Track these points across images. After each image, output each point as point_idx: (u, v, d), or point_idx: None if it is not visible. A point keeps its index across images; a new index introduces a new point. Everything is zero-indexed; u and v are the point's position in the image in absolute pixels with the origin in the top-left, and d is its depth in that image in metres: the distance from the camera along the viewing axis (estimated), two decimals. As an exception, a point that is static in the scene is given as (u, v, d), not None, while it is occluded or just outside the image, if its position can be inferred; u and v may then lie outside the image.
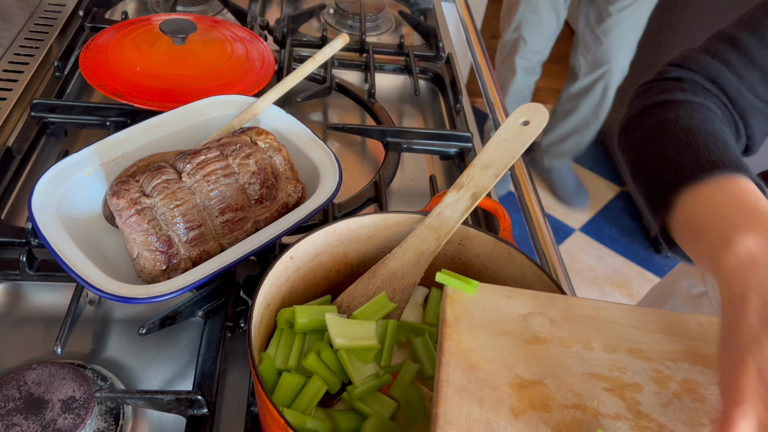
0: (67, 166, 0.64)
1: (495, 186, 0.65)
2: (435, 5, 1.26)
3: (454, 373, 0.42)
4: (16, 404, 0.51)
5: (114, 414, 0.55)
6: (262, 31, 1.05)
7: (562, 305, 0.48)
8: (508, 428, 0.39)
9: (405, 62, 1.05)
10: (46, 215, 0.59)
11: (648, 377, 0.43)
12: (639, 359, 0.44)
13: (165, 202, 0.59)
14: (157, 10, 1.13)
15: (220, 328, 0.61)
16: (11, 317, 0.63)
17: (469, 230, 0.59)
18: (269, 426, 0.47)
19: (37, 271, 0.63)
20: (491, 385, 0.42)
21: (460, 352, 0.43)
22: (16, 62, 0.94)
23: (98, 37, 0.89)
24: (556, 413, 0.40)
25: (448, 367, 0.42)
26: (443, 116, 0.99)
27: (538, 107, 0.63)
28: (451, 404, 0.40)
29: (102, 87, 0.81)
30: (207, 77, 0.85)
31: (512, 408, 0.40)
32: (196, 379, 0.56)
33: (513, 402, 0.41)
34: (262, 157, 0.64)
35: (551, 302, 0.48)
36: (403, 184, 0.86)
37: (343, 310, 0.56)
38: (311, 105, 0.98)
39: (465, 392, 0.41)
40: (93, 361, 0.60)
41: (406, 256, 0.57)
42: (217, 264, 0.57)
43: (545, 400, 0.41)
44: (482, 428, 0.39)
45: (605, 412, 0.41)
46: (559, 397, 0.41)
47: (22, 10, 1.03)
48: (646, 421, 0.40)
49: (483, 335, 0.45)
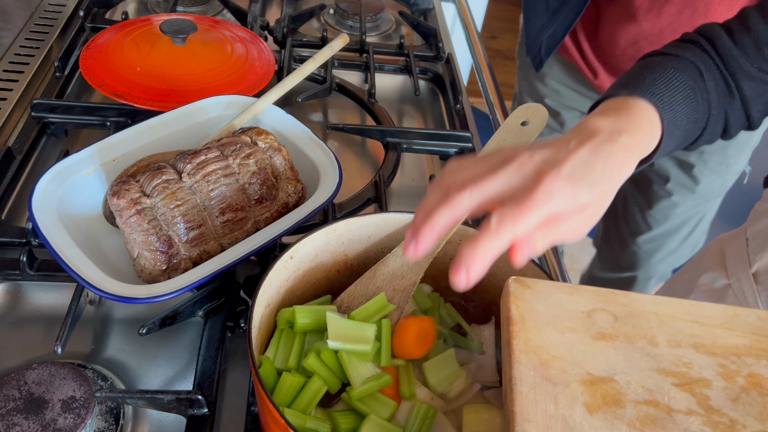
0: (67, 166, 0.64)
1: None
2: (435, 5, 1.26)
3: (525, 371, 0.42)
4: (16, 404, 0.51)
5: (114, 414, 0.55)
6: (262, 32, 1.05)
7: (623, 301, 0.48)
8: (585, 425, 0.39)
9: (405, 62, 1.05)
10: (47, 215, 0.59)
11: (714, 372, 0.44)
12: (704, 354, 0.45)
13: (165, 202, 0.59)
14: (157, 10, 1.13)
15: (220, 328, 0.61)
16: (11, 317, 0.63)
17: (469, 230, 0.59)
18: (269, 426, 0.47)
19: (37, 271, 0.63)
20: (563, 382, 0.42)
21: (529, 349, 0.44)
22: (17, 62, 0.94)
23: (98, 37, 0.89)
24: (629, 409, 0.41)
25: (520, 365, 0.43)
26: (443, 116, 0.99)
27: (538, 107, 0.63)
28: (526, 402, 0.40)
29: (102, 87, 0.81)
30: (207, 77, 0.85)
31: (586, 404, 0.41)
32: (197, 379, 0.56)
33: (586, 398, 0.41)
34: (262, 157, 0.64)
35: (612, 298, 0.49)
36: (403, 184, 0.86)
37: (343, 310, 0.56)
38: (311, 105, 0.98)
39: (539, 390, 0.41)
40: (93, 361, 0.60)
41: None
42: (218, 264, 0.57)
43: (617, 396, 0.42)
44: (559, 425, 0.39)
45: (677, 407, 0.41)
46: (630, 393, 0.42)
47: (23, 10, 1.03)
48: (717, 416, 0.41)
49: (549, 332, 0.45)
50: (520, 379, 0.42)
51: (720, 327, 0.47)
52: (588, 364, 0.43)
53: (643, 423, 0.40)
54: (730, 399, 0.42)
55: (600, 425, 0.39)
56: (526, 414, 0.40)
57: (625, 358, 0.44)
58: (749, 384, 0.43)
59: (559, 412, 0.40)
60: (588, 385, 0.42)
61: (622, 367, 0.44)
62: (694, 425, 0.40)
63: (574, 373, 0.43)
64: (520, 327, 0.45)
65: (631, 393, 0.42)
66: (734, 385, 0.43)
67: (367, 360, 0.50)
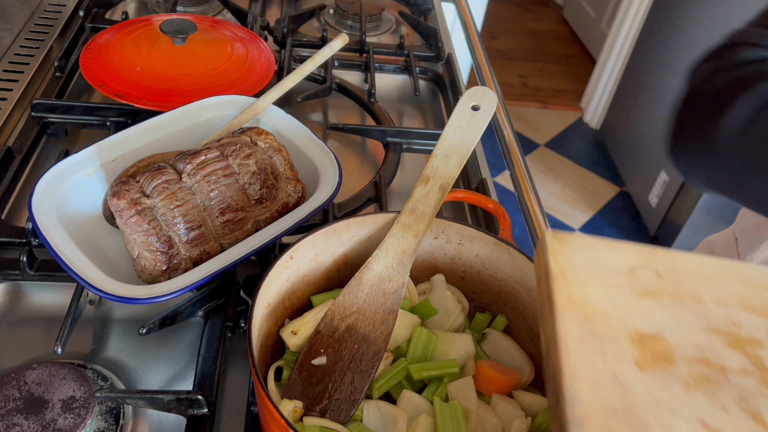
0: (67, 166, 0.64)
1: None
2: (435, 5, 1.26)
3: (570, 326, 0.40)
4: (16, 404, 0.51)
5: (114, 414, 0.55)
6: (262, 32, 1.05)
7: (665, 258, 0.47)
8: (636, 382, 0.38)
9: (405, 62, 1.05)
10: (47, 215, 0.59)
11: (765, 332, 0.42)
12: (752, 314, 0.43)
13: (165, 203, 0.59)
14: (157, 10, 1.13)
15: (220, 328, 0.61)
16: (11, 317, 0.63)
17: (469, 230, 0.59)
18: (269, 426, 0.47)
19: (37, 271, 0.63)
20: (610, 338, 0.40)
21: (572, 304, 0.42)
22: (17, 62, 0.94)
23: (98, 37, 0.89)
24: (681, 367, 0.39)
25: (563, 320, 0.40)
26: (443, 116, 0.99)
27: (485, 90, 0.63)
28: (573, 357, 0.38)
29: (102, 87, 0.81)
30: (207, 77, 0.85)
31: (636, 361, 0.39)
32: (196, 379, 0.56)
33: (636, 355, 0.39)
34: (262, 158, 0.64)
35: (654, 255, 0.47)
36: (403, 184, 0.86)
37: (335, 324, 0.55)
38: (311, 105, 0.98)
39: (585, 345, 0.39)
40: (93, 361, 0.60)
41: (388, 258, 0.57)
42: (218, 264, 0.57)
43: (667, 354, 0.40)
44: (610, 382, 0.37)
45: (731, 366, 0.40)
46: (681, 350, 0.40)
47: (23, 10, 1.03)
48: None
49: (592, 287, 0.43)
50: (565, 334, 0.39)
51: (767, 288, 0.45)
52: (635, 321, 0.41)
53: (697, 381, 0.38)
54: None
55: (652, 383, 0.38)
56: (574, 369, 0.37)
57: (672, 315, 0.42)
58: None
59: (609, 368, 0.38)
60: (636, 341, 0.40)
61: (670, 325, 0.42)
62: (749, 384, 0.39)
63: (621, 329, 0.41)
64: (561, 282, 0.43)
65: (681, 351, 0.40)
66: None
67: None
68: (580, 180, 2.61)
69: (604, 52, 2.81)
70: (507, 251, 0.58)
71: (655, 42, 2.42)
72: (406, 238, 0.57)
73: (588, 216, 2.44)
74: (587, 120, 2.95)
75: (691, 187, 2.14)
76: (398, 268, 0.56)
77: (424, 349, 0.54)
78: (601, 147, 2.79)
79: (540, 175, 2.61)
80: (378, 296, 0.56)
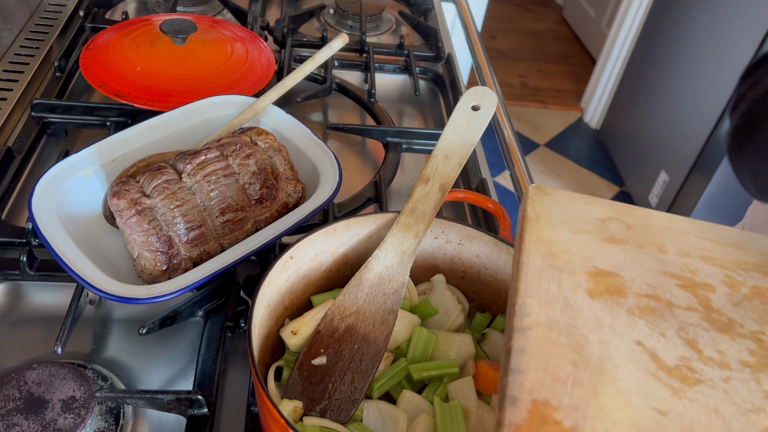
0: (67, 166, 0.64)
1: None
2: (435, 5, 1.26)
3: (533, 258, 0.44)
4: (16, 404, 0.51)
5: (114, 414, 0.55)
6: (262, 32, 1.05)
7: (639, 215, 0.50)
8: (584, 306, 0.41)
9: (405, 62, 1.05)
10: (47, 215, 0.59)
11: (720, 281, 0.45)
12: (711, 265, 0.46)
13: (165, 203, 0.59)
14: (157, 10, 1.13)
15: (220, 328, 0.61)
16: (11, 317, 0.63)
17: (469, 230, 0.59)
18: (269, 426, 0.47)
19: (37, 271, 0.63)
20: (569, 271, 0.43)
21: (539, 242, 0.45)
22: (17, 62, 0.94)
23: (98, 37, 0.89)
24: (630, 299, 0.42)
25: (528, 253, 0.44)
26: (443, 116, 0.99)
27: (486, 90, 0.63)
28: (531, 281, 0.42)
29: (102, 87, 0.81)
30: (207, 77, 0.85)
31: (588, 291, 0.42)
32: (197, 379, 0.56)
33: (590, 286, 0.43)
34: (262, 158, 0.64)
35: (629, 211, 0.50)
36: (403, 184, 0.86)
37: (335, 324, 0.55)
38: (311, 105, 0.98)
39: (544, 274, 0.43)
40: (93, 361, 0.60)
41: (388, 258, 0.57)
42: (218, 264, 0.57)
43: (620, 287, 0.43)
44: (560, 304, 0.41)
45: (677, 303, 0.43)
46: (633, 287, 0.43)
47: (23, 10, 1.03)
48: (716, 314, 0.42)
49: (562, 231, 0.47)
50: (527, 263, 0.43)
51: (732, 246, 0.48)
52: (596, 260, 0.45)
53: (642, 311, 0.41)
54: (731, 303, 0.43)
55: (600, 308, 0.41)
56: (528, 290, 0.41)
57: (633, 259, 0.45)
58: (753, 293, 0.44)
59: (562, 294, 0.41)
60: (593, 276, 0.43)
61: (629, 266, 0.45)
62: (691, 318, 0.42)
63: (581, 265, 0.44)
64: (534, 224, 0.47)
65: (634, 287, 0.43)
66: (737, 293, 0.44)
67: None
68: (580, 180, 2.61)
69: (604, 52, 2.81)
70: (507, 251, 0.58)
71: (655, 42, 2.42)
72: (406, 238, 0.57)
73: (588, 216, 2.44)
74: (587, 120, 2.95)
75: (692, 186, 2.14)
76: (398, 268, 0.56)
77: (424, 349, 0.54)
78: (601, 147, 2.79)
79: (540, 175, 2.61)
80: (378, 296, 0.56)
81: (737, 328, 0.41)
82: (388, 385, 0.53)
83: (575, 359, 0.37)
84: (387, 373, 0.53)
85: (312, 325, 0.54)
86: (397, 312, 0.55)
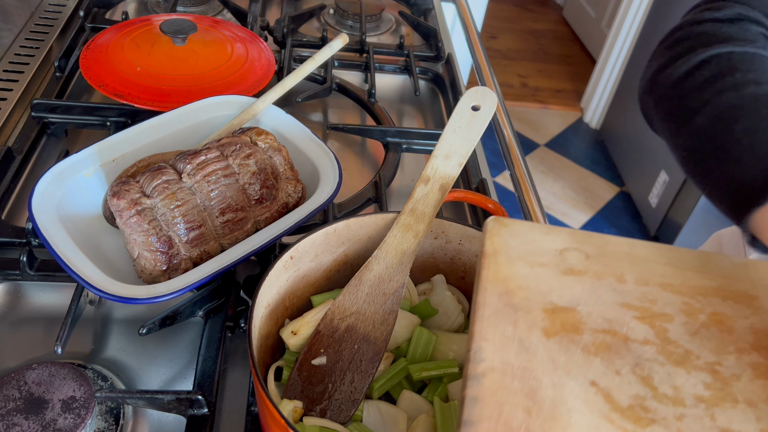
0: (67, 166, 0.64)
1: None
2: (435, 5, 1.26)
3: (490, 297, 0.44)
4: (16, 404, 0.51)
5: (114, 414, 0.55)
6: (262, 32, 1.05)
7: (597, 242, 0.50)
8: (539, 346, 0.41)
9: (405, 62, 1.05)
10: (47, 215, 0.59)
11: (678, 309, 0.45)
12: (670, 293, 0.46)
13: (165, 203, 0.59)
14: (157, 10, 1.13)
15: (220, 328, 0.61)
16: (11, 317, 0.63)
17: (469, 230, 0.59)
18: (269, 426, 0.47)
19: (37, 271, 0.63)
20: (525, 309, 0.43)
21: (496, 279, 0.45)
22: (17, 62, 0.94)
23: (99, 37, 0.89)
24: (586, 336, 0.42)
25: (485, 292, 0.44)
26: (443, 116, 0.99)
27: (486, 90, 0.63)
28: (486, 324, 0.42)
29: (102, 87, 0.81)
30: (207, 77, 0.85)
31: (544, 329, 0.42)
32: (197, 379, 0.56)
33: (545, 324, 0.42)
34: (262, 158, 0.64)
35: (588, 239, 0.50)
36: (403, 184, 0.86)
37: (335, 324, 0.55)
38: (311, 105, 0.98)
39: (500, 314, 0.43)
40: (93, 361, 0.60)
41: (388, 258, 0.57)
42: (218, 264, 0.57)
43: (576, 324, 0.43)
44: (515, 345, 0.41)
45: (634, 337, 0.42)
46: (590, 322, 0.43)
47: (23, 10, 1.03)
48: (673, 346, 0.42)
49: (519, 266, 0.47)
50: (483, 304, 0.43)
51: (692, 269, 0.48)
52: (553, 295, 0.45)
53: (598, 348, 0.41)
54: (689, 333, 0.43)
55: (555, 348, 0.41)
56: (484, 334, 0.41)
57: (591, 291, 0.45)
58: (711, 321, 0.44)
59: (517, 335, 0.41)
60: (549, 313, 0.43)
61: (585, 300, 0.45)
62: (648, 353, 0.41)
63: (538, 301, 0.44)
64: (492, 260, 0.47)
65: (590, 322, 0.43)
66: (695, 321, 0.44)
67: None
68: (580, 180, 2.61)
69: (604, 52, 2.81)
70: (507, 251, 0.58)
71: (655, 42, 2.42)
72: (406, 239, 0.57)
73: (588, 216, 2.44)
74: (587, 120, 2.95)
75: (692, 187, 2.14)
76: (398, 269, 0.56)
77: (424, 349, 0.54)
78: (601, 147, 2.79)
79: (540, 175, 2.61)
80: (378, 296, 0.56)
81: (693, 359, 0.41)
82: (388, 385, 0.53)
83: (528, 406, 0.37)
84: (387, 373, 0.53)
85: (312, 325, 0.55)
86: (397, 312, 0.55)
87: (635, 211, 2.47)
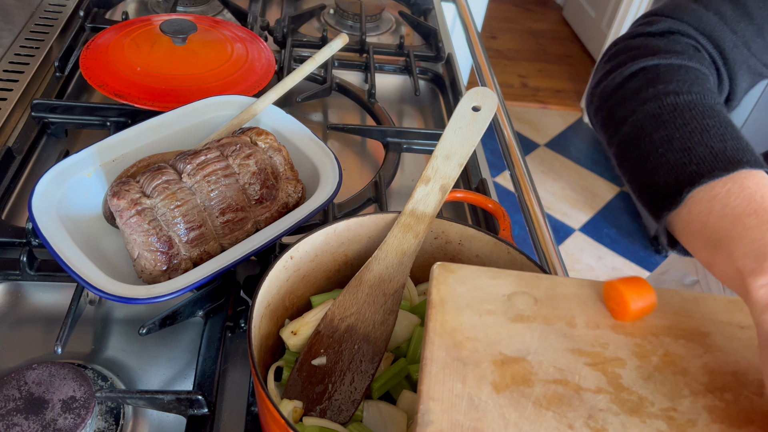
0: (67, 166, 0.64)
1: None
2: (435, 5, 1.26)
3: (438, 352, 0.43)
4: (16, 404, 0.51)
5: (114, 414, 0.55)
6: (262, 32, 1.05)
7: (546, 284, 0.49)
8: (490, 403, 0.40)
9: (405, 62, 1.05)
10: (47, 215, 0.59)
11: (630, 352, 0.44)
12: (621, 335, 0.45)
13: (165, 203, 0.59)
14: (157, 10, 1.13)
15: (220, 328, 0.61)
16: (11, 317, 0.63)
17: (469, 230, 0.59)
18: (269, 426, 0.47)
19: (37, 271, 0.63)
20: (474, 363, 0.42)
21: (444, 331, 0.44)
22: (17, 62, 0.94)
23: (99, 37, 0.89)
24: (537, 388, 0.41)
25: (433, 346, 0.43)
26: (443, 116, 0.99)
27: (486, 91, 0.63)
28: (434, 381, 0.41)
29: (102, 87, 0.81)
30: (207, 77, 0.85)
31: (494, 384, 0.41)
32: (197, 379, 0.56)
33: (495, 378, 0.42)
34: (262, 158, 0.64)
35: (536, 282, 0.49)
36: (403, 184, 0.86)
37: (335, 324, 0.55)
38: (311, 105, 0.98)
39: (448, 370, 0.42)
40: (93, 361, 0.60)
41: (388, 258, 0.57)
42: (218, 264, 0.57)
43: (527, 375, 0.42)
44: (464, 404, 0.40)
45: (586, 386, 0.41)
46: (541, 372, 0.42)
47: (23, 10, 1.03)
48: (626, 393, 0.41)
49: (467, 315, 0.46)
50: (430, 359, 0.42)
51: None
52: (502, 345, 0.44)
53: (550, 401, 0.40)
54: (642, 377, 0.42)
55: (505, 403, 0.40)
56: (432, 393, 0.40)
57: (541, 339, 0.44)
58: (663, 363, 0.43)
59: (466, 391, 0.40)
60: (499, 365, 0.42)
61: (536, 348, 0.44)
62: (601, 403, 0.41)
63: (487, 353, 0.43)
64: (438, 310, 0.46)
65: (541, 372, 0.42)
66: (648, 365, 0.43)
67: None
68: (580, 180, 2.61)
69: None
70: (507, 251, 0.58)
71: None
72: (406, 239, 0.57)
73: (588, 216, 2.44)
74: (587, 120, 2.95)
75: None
76: (398, 269, 0.56)
77: None
78: (601, 147, 2.79)
79: (540, 175, 2.61)
80: (378, 297, 0.56)
81: (648, 407, 0.40)
82: (388, 385, 0.53)
83: None
84: (387, 373, 0.53)
85: (312, 325, 0.54)
86: (397, 312, 0.55)
87: (635, 211, 2.47)
